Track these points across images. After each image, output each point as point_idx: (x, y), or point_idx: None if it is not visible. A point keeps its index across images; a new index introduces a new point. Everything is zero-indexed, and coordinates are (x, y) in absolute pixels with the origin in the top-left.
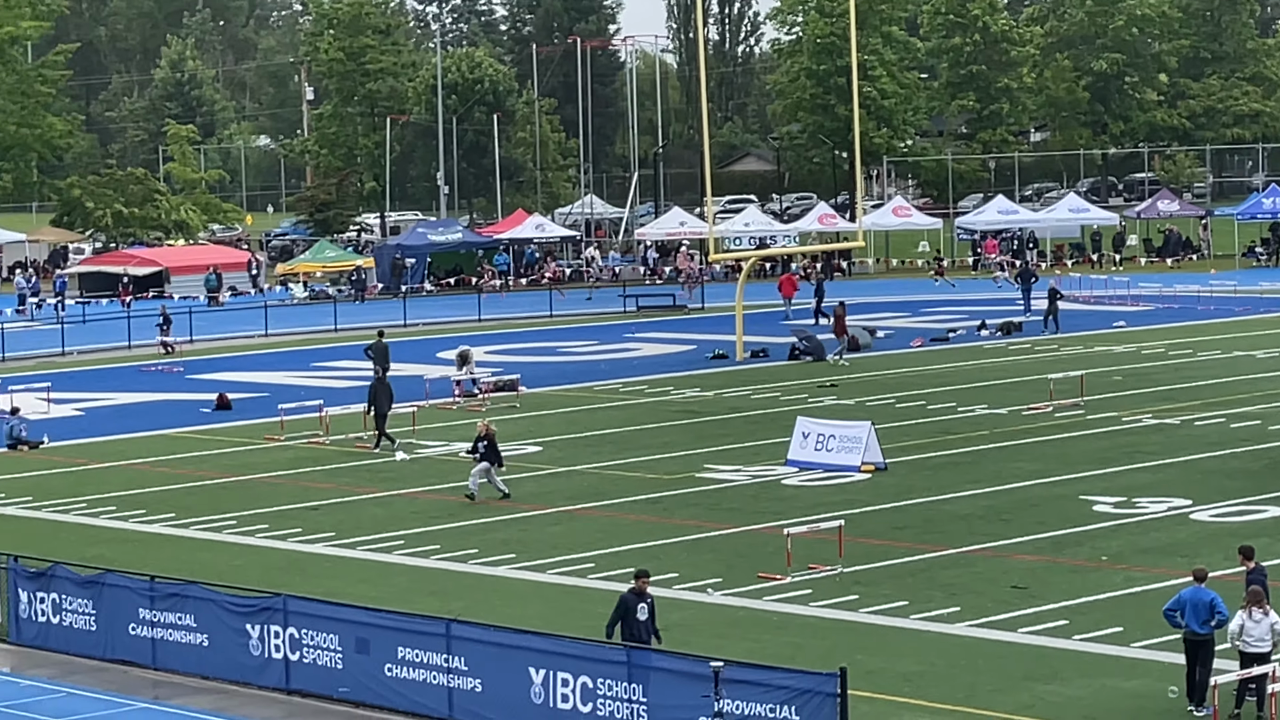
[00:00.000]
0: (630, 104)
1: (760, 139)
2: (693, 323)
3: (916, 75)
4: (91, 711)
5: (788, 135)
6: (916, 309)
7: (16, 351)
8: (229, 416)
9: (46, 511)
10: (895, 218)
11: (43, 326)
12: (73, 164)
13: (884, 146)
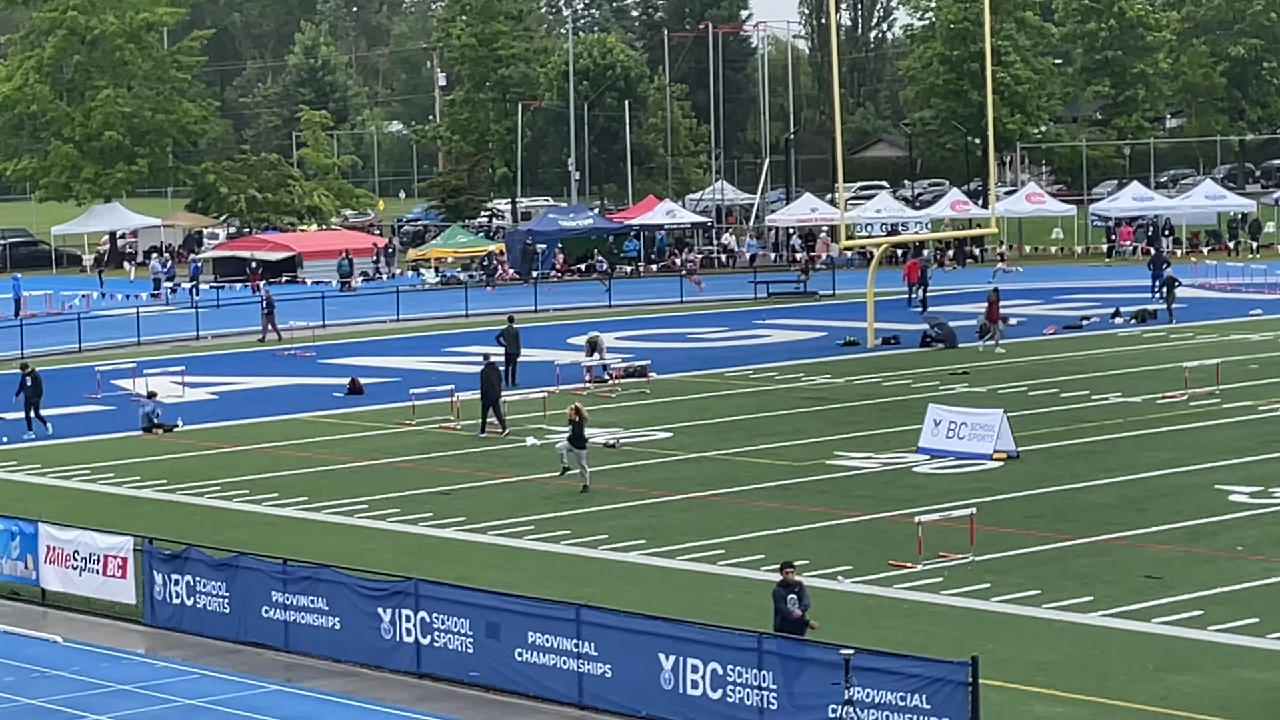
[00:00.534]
0: (762, 90)
1: (892, 125)
2: (823, 309)
3: (1051, 61)
4: (224, 693)
5: (920, 121)
6: (1049, 296)
7: (152, 335)
8: (361, 401)
9: (181, 494)
10: (1028, 204)
11: (177, 311)
12: (207, 149)
13: (1017, 133)
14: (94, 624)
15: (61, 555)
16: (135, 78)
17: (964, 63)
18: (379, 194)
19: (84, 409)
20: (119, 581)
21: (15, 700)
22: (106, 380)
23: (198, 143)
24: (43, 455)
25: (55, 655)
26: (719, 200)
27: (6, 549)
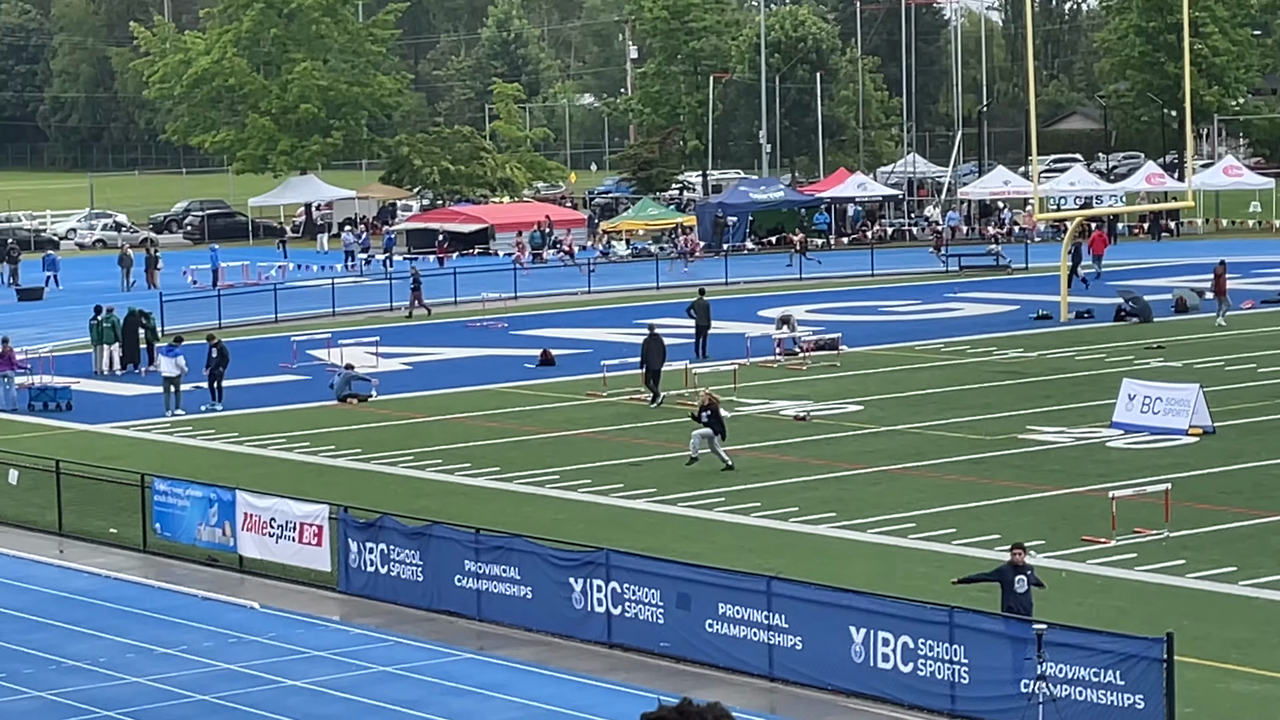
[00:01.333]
0: (954, 62)
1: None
2: (1016, 283)
3: (1249, 32)
4: (418, 661)
5: (1115, 93)
6: (1247, 270)
7: (346, 306)
8: (552, 372)
9: (375, 464)
10: (1226, 177)
11: (371, 282)
12: (401, 122)
13: (1215, 105)
14: (290, 591)
15: (259, 523)
16: (331, 51)
17: (1160, 34)
18: (570, 167)
19: (280, 379)
20: (315, 549)
21: (214, 665)
22: (302, 350)
23: (392, 115)
24: (240, 424)
25: (252, 621)
26: (910, 173)
27: (205, 516)
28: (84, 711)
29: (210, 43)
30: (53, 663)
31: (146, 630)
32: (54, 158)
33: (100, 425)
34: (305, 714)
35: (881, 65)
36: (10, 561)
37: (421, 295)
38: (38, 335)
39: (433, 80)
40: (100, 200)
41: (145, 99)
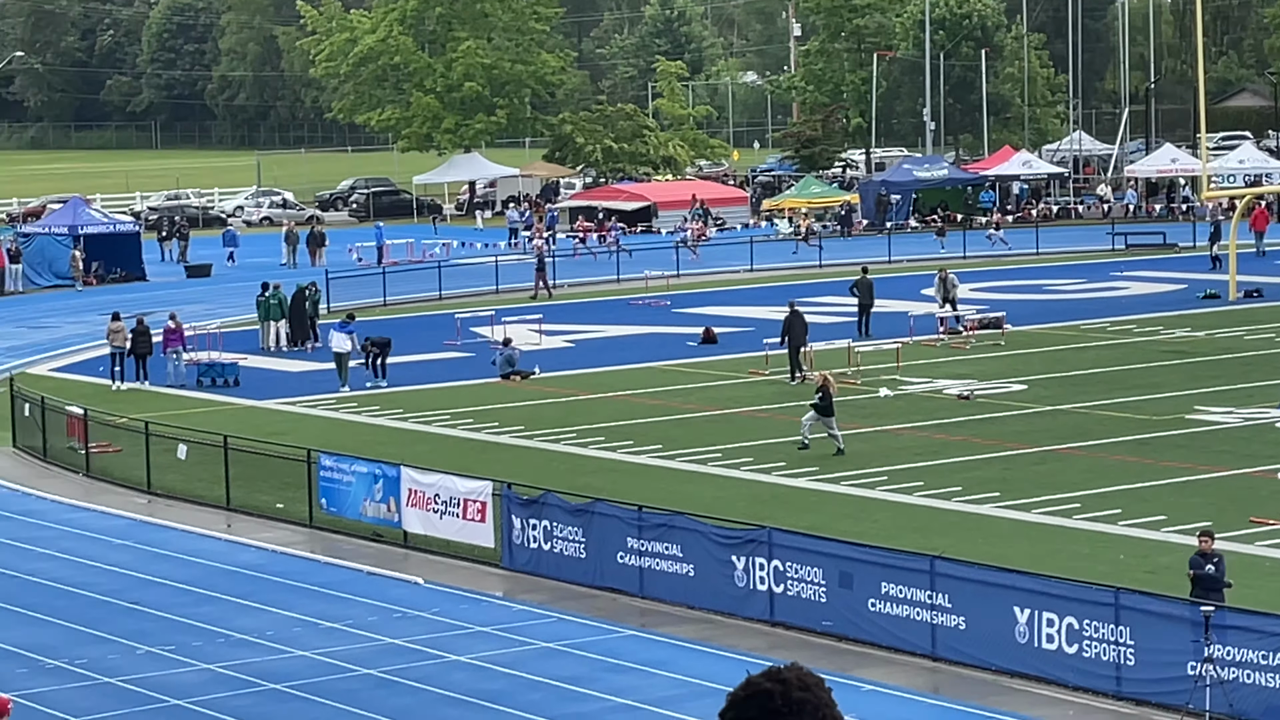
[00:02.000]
0: (1121, 38)
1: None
2: (1183, 261)
3: None
4: (581, 637)
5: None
6: None
7: (510, 284)
8: (714, 350)
9: (538, 440)
10: None
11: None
12: (565, 100)
13: None
14: (453, 566)
15: (423, 499)
16: (495, 29)
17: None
18: (733, 144)
19: (444, 355)
20: (478, 525)
21: (379, 640)
22: (466, 327)
23: (555, 93)
24: (405, 401)
25: (416, 596)
26: (1076, 151)
27: (370, 492)
28: (252, 684)
29: (376, 21)
30: (221, 636)
31: (312, 605)
32: (222, 136)
33: (267, 401)
34: (469, 689)
35: (1047, 42)
36: (179, 536)
37: (546, 277)
38: (206, 311)
39: (596, 58)
40: (267, 178)
41: (312, 77)
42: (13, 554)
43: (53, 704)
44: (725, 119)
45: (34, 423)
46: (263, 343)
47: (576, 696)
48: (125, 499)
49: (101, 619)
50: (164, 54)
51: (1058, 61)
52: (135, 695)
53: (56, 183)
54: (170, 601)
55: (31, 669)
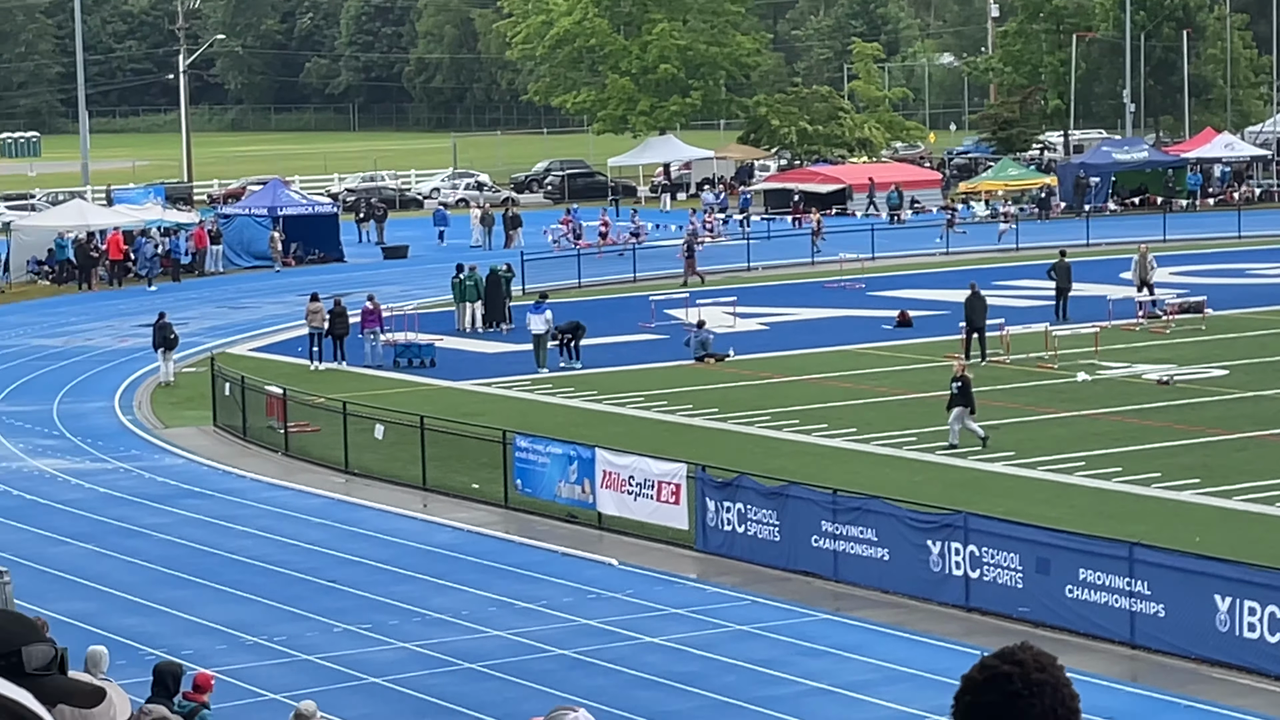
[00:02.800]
0: None
1: None
2: None
3: None
4: (774, 620)
5: None
6: None
7: (703, 266)
8: (909, 334)
9: (732, 423)
10: None
11: (729, 242)
12: (759, 82)
13: None
14: (647, 548)
15: (617, 480)
16: (690, 11)
17: None
18: (929, 126)
19: (638, 337)
20: (672, 507)
21: (573, 620)
22: (660, 310)
23: (750, 75)
24: (599, 382)
25: (611, 578)
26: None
27: (565, 473)
28: (447, 663)
29: (572, 4)
30: (417, 615)
31: (507, 585)
32: (418, 118)
33: (462, 382)
34: (663, 671)
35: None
36: (376, 515)
37: (695, 263)
38: (402, 293)
39: (791, 40)
40: (463, 160)
41: (507, 60)
42: (213, 531)
43: (252, 680)
44: (921, 101)
45: (234, 402)
46: (458, 324)
47: (770, 680)
48: (323, 478)
49: (300, 596)
50: (362, 36)
51: (1261, 43)
52: (332, 672)
53: (256, 164)
54: (367, 580)
55: (231, 645)
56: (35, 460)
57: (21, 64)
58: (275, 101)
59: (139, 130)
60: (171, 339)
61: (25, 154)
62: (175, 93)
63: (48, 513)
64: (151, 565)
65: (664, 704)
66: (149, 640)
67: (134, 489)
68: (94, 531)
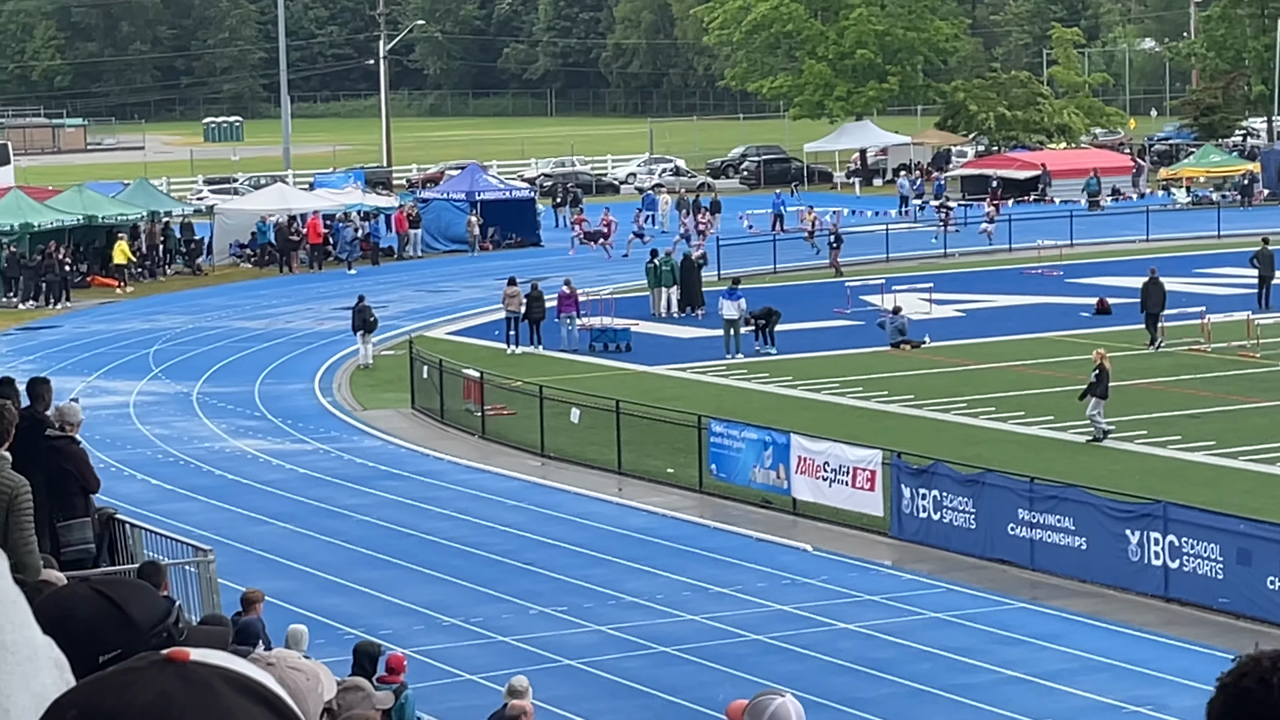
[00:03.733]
0: None
1: None
2: None
3: None
4: (970, 608)
5: None
6: None
7: (900, 252)
8: (1108, 321)
9: (927, 410)
10: None
11: (925, 228)
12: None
13: None
14: (842, 534)
15: (812, 466)
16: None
17: None
18: (1129, 112)
19: (833, 323)
20: (867, 494)
21: (767, 605)
22: (855, 295)
23: (948, 60)
24: (793, 368)
25: (805, 563)
26: None
27: (760, 458)
28: (642, 647)
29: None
30: (612, 598)
31: (702, 569)
32: (615, 103)
33: (657, 366)
34: (857, 657)
35: None
36: (572, 498)
37: (838, 255)
38: (598, 278)
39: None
40: (659, 145)
41: (704, 45)
42: (411, 513)
43: (448, 660)
44: (1121, 86)
45: (432, 385)
46: (653, 309)
47: (965, 668)
48: (519, 461)
49: (496, 579)
50: (560, 22)
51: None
52: (528, 654)
53: (454, 149)
54: (562, 563)
55: (428, 626)
56: (237, 441)
57: (225, 49)
58: (473, 87)
59: (339, 115)
60: (371, 322)
61: (228, 138)
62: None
63: (249, 493)
64: (350, 546)
65: (858, 690)
66: (348, 620)
67: (333, 470)
68: (294, 512)
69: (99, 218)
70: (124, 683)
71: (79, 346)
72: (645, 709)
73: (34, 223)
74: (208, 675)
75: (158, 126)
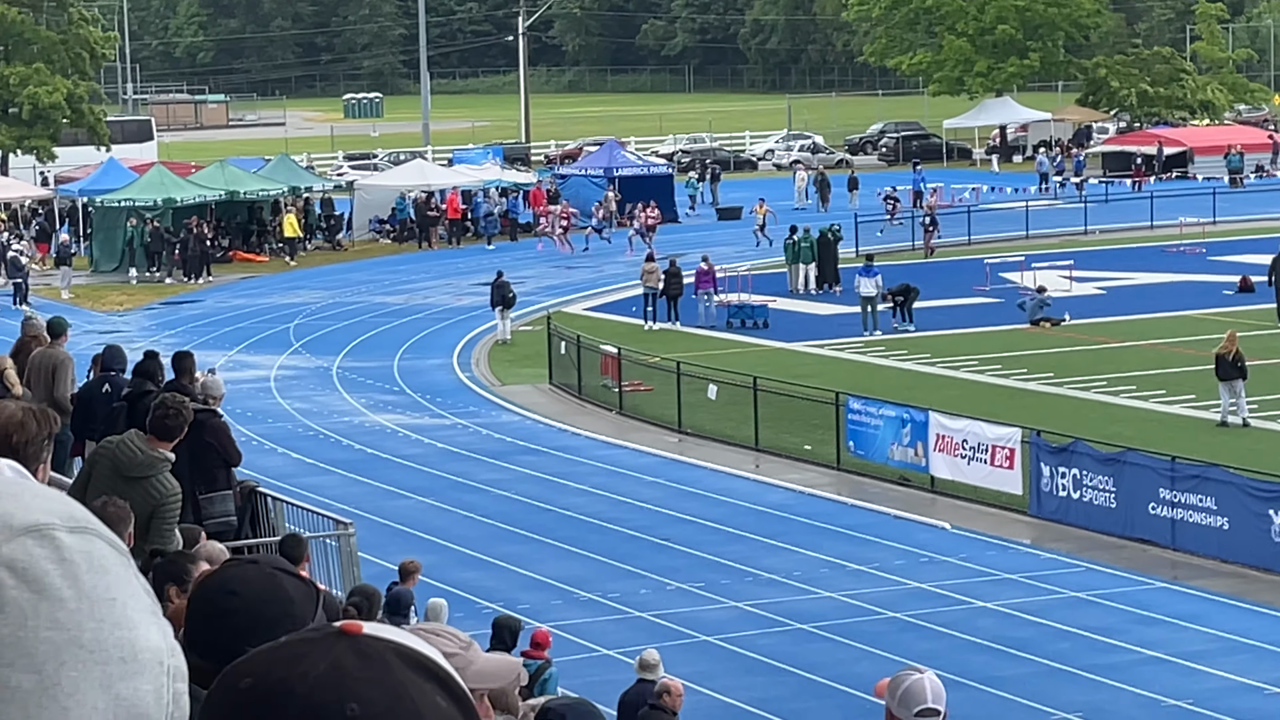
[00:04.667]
0: None
1: None
2: None
3: None
4: (1110, 588)
5: None
6: None
7: (1039, 229)
8: (1252, 299)
9: (1067, 388)
10: None
11: (1065, 205)
12: (1099, 43)
13: None
14: (980, 512)
15: (950, 444)
16: None
17: None
18: (1274, 89)
19: (973, 301)
20: (1006, 472)
21: (904, 583)
22: (994, 273)
23: (1089, 36)
24: (932, 345)
25: (943, 541)
26: None
27: (898, 436)
28: (778, 623)
29: None
30: (749, 574)
31: (839, 546)
32: (753, 80)
33: (794, 343)
34: (995, 636)
35: None
36: (709, 475)
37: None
38: (736, 254)
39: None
40: (797, 122)
41: (843, 21)
42: (549, 488)
43: (586, 635)
44: (1266, 62)
45: (569, 360)
46: (791, 285)
47: (1105, 648)
48: (656, 437)
49: (633, 554)
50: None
51: None
52: (665, 630)
53: (592, 125)
54: (699, 539)
55: (566, 601)
56: (376, 415)
57: (365, 26)
58: (612, 63)
59: (478, 91)
60: (509, 297)
61: (368, 114)
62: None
63: (388, 467)
64: (488, 520)
65: (997, 669)
66: (486, 594)
67: (471, 445)
68: (432, 486)
69: (240, 193)
70: (298, 653)
71: (220, 321)
72: (781, 685)
73: (177, 198)
74: (381, 649)
75: (298, 103)
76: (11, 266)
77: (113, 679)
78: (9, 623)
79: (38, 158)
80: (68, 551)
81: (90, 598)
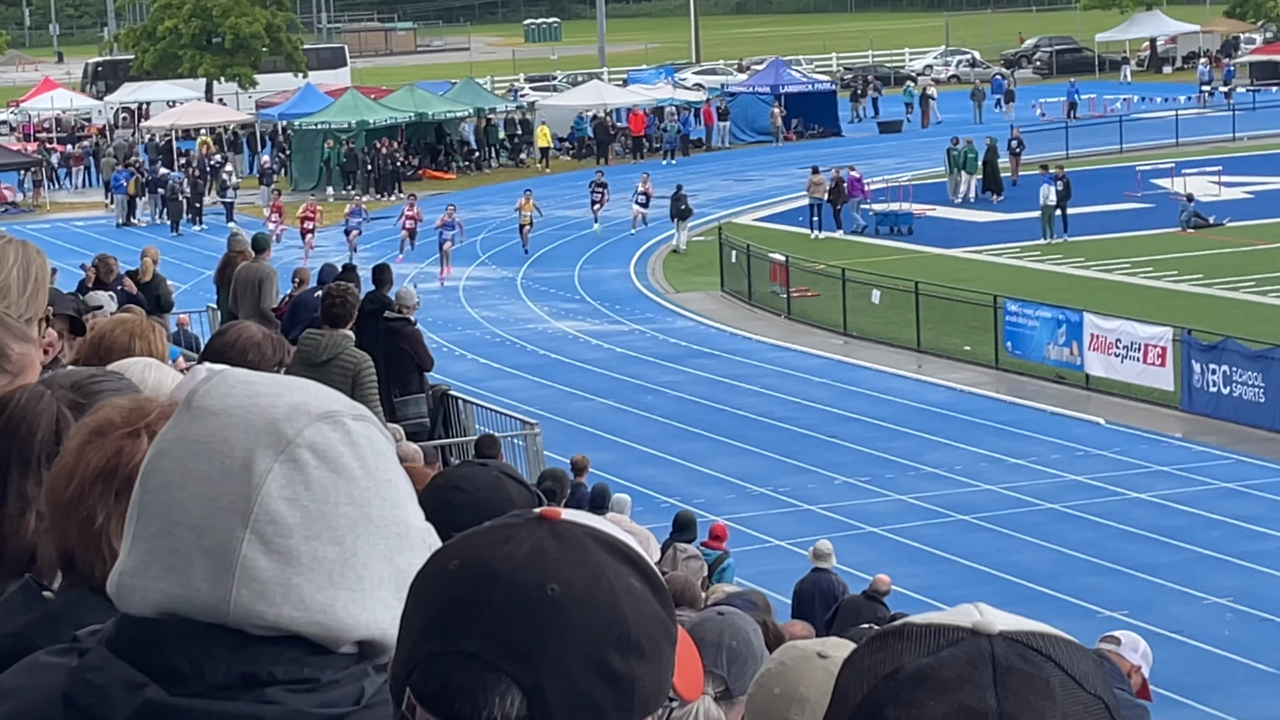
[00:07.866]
0: None
1: None
2: None
3: None
4: (1259, 479)
5: None
6: None
7: (1190, 137)
8: None
9: (1216, 289)
10: None
11: (1214, 113)
12: None
13: None
14: (1133, 408)
15: (1104, 343)
16: None
17: None
18: None
19: (1124, 206)
20: (1158, 369)
21: (1060, 476)
22: (1146, 179)
23: None
24: (1085, 250)
25: (1097, 436)
26: None
27: (1053, 336)
28: (940, 514)
29: None
30: (911, 469)
31: (997, 441)
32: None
33: (953, 249)
34: (1148, 525)
35: None
36: (873, 375)
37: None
38: (896, 165)
39: None
40: (955, 38)
41: None
42: (722, 389)
43: (757, 527)
44: None
45: (740, 268)
46: (951, 193)
47: (1255, 535)
48: (823, 340)
49: (801, 451)
50: None
51: None
52: (833, 522)
53: (759, 45)
54: (865, 436)
55: (739, 495)
56: (558, 322)
57: None
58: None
59: (650, 15)
60: (685, 209)
61: (547, 38)
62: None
63: (570, 370)
64: (664, 420)
65: (1150, 557)
66: (664, 490)
67: (648, 349)
68: (611, 388)
69: (429, 115)
70: (503, 536)
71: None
72: (944, 573)
73: (369, 120)
74: (579, 533)
75: (481, 28)
76: (222, 187)
77: (393, 552)
78: (315, 499)
79: (240, 85)
80: (356, 436)
81: (375, 477)
